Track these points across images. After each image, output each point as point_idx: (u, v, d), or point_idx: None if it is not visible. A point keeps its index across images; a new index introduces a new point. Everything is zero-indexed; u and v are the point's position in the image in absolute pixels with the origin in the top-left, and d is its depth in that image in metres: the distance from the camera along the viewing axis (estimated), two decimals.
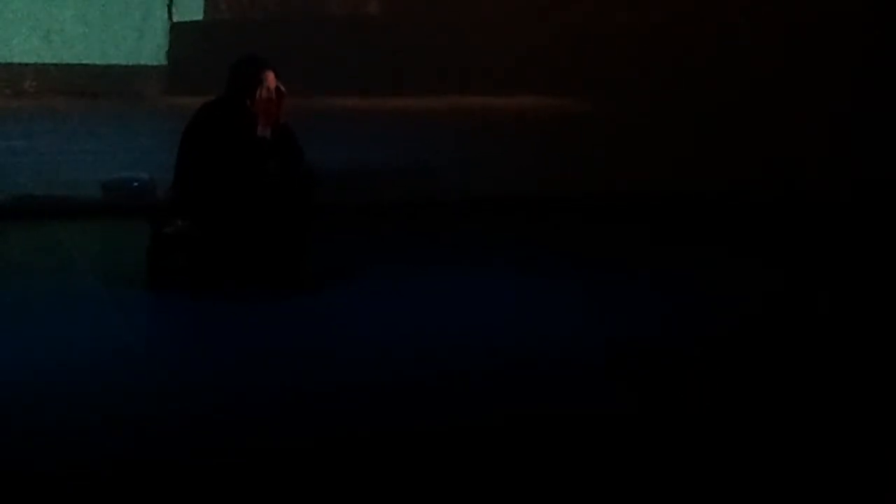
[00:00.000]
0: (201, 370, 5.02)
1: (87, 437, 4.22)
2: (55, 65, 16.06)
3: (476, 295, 6.37)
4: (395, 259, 7.14)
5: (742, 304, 6.24)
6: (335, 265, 6.60)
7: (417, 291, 6.42)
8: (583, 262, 7.20)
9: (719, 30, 14.01)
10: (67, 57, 16.12)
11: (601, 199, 8.95)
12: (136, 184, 8.64)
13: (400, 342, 5.47)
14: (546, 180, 9.52)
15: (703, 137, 11.11)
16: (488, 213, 8.55)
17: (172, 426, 4.36)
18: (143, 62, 16.75)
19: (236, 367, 5.08)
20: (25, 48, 15.91)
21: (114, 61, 16.46)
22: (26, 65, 16.03)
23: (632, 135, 11.34)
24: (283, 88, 6.27)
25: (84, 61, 16.23)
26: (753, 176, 9.43)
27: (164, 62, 16.88)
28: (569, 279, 6.72)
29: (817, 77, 12.08)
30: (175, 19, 17.14)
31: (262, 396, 4.68)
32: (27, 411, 4.47)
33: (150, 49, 16.77)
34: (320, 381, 4.90)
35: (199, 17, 17.66)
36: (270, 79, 6.25)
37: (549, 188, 9.30)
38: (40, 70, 15.98)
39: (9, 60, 15.92)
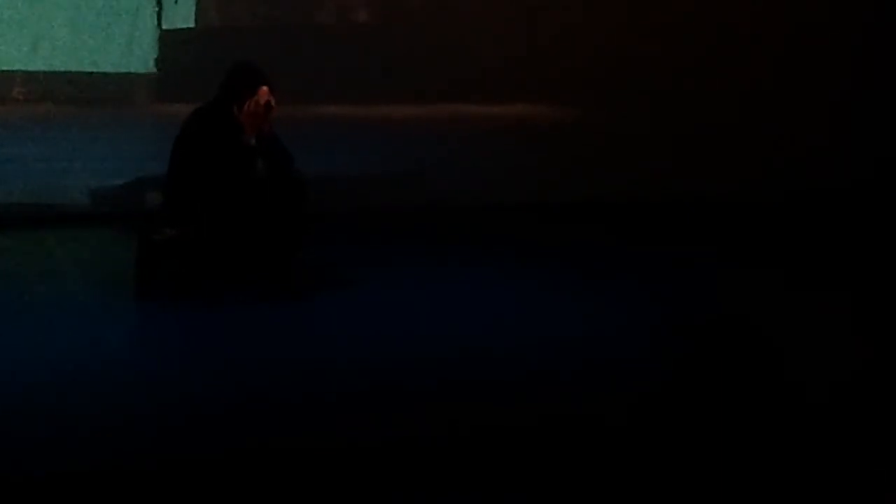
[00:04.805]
0: (191, 378, 5.00)
1: (76, 446, 4.18)
2: (43, 72, 16.04)
3: (468, 300, 6.39)
4: (387, 265, 7.16)
5: (741, 305, 6.27)
6: (326, 271, 6.61)
7: (409, 297, 6.44)
8: (577, 265, 7.23)
9: (717, 31, 13.98)
10: (56, 64, 16.08)
11: (597, 203, 8.98)
12: (124, 191, 8.68)
13: (391, 348, 5.47)
14: (541, 185, 9.54)
15: (698, 140, 11.08)
16: (481, 219, 8.58)
17: (162, 434, 4.32)
18: (132, 70, 16.72)
19: (226, 374, 5.06)
20: (13, 55, 15.87)
21: (103, 69, 16.43)
22: (14, 72, 16.00)
23: (628, 138, 11.31)
24: (273, 103, 6.28)
25: (73, 69, 16.19)
26: (753, 178, 9.44)
27: (153, 70, 16.86)
28: (564, 282, 6.74)
29: (816, 77, 12.06)
30: (165, 27, 17.12)
31: (252, 403, 4.65)
32: (15, 419, 4.43)
33: (140, 57, 16.74)
34: (310, 388, 4.89)
35: (190, 24, 17.66)
36: (263, 93, 6.29)
37: (544, 194, 9.33)
38: (28, 77, 15.95)
39: None
